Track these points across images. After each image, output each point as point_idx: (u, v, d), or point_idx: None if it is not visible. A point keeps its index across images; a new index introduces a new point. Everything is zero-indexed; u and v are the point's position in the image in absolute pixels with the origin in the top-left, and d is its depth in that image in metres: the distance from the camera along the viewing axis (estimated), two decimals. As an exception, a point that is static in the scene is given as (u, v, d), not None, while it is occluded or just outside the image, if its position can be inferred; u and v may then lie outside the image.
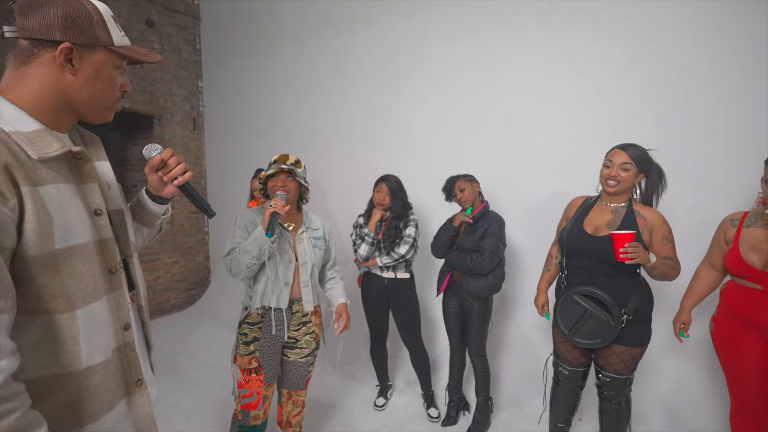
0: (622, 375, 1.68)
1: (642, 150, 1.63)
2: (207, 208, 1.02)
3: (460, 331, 2.33)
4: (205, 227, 4.72)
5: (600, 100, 2.43)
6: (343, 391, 2.70)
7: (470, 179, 2.25)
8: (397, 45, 3.20)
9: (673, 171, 2.19)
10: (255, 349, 1.69)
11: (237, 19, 4.19)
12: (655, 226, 1.61)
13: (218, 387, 2.76)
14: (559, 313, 1.64)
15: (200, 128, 4.58)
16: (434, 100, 3.05)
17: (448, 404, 2.41)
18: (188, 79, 4.42)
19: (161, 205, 1.06)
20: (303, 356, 1.80)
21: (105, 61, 0.79)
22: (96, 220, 0.80)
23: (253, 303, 1.70)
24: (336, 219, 3.65)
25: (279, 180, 1.67)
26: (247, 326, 1.72)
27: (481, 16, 2.80)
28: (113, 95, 0.83)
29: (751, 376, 1.54)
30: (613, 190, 1.62)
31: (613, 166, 1.62)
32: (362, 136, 3.44)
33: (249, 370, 1.69)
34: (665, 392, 2.28)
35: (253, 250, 1.59)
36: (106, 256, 0.82)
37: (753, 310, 1.52)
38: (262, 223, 1.61)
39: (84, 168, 0.81)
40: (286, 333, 1.74)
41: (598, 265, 1.63)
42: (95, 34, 0.76)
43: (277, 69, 3.94)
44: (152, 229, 1.10)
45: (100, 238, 0.81)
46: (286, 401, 1.86)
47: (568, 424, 1.90)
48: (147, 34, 3.99)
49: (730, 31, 2.08)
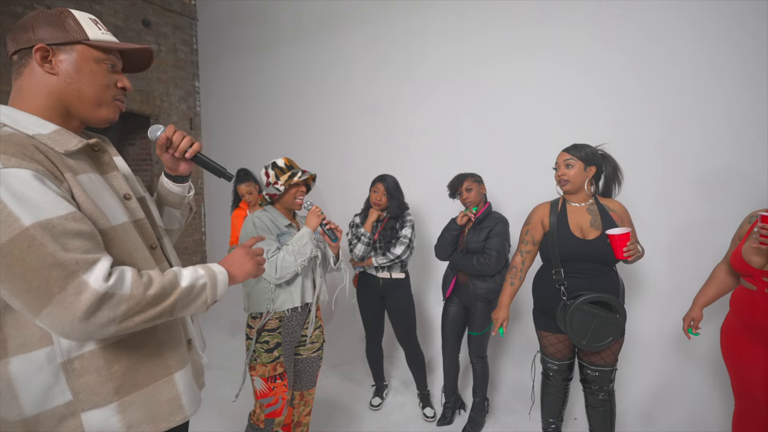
0: (609, 366, 1.73)
1: (586, 147, 1.71)
2: (224, 171, 1.06)
3: (457, 335, 2.32)
4: (203, 227, 4.71)
5: (599, 100, 2.43)
6: (338, 391, 2.70)
7: (478, 180, 2.24)
8: (395, 45, 3.19)
9: (673, 170, 2.22)
10: (279, 354, 1.69)
11: (234, 19, 4.19)
12: (623, 215, 1.72)
13: (213, 387, 2.75)
14: (571, 326, 1.62)
15: (197, 128, 4.58)
16: (432, 100, 3.05)
17: (444, 404, 2.41)
18: (185, 79, 4.42)
19: (182, 184, 1.12)
20: (314, 351, 1.86)
21: (84, 57, 0.82)
22: (127, 203, 0.89)
23: (282, 304, 1.70)
24: (333, 218, 3.62)
25: (301, 188, 1.78)
26: (267, 333, 1.70)
27: (480, 17, 2.79)
28: (103, 91, 0.85)
29: (757, 379, 1.53)
30: (565, 189, 1.71)
31: (559, 166, 1.72)
32: (359, 136, 3.44)
33: (273, 377, 1.68)
34: (656, 393, 2.29)
35: (306, 251, 1.66)
36: (145, 234, 0.91)
37: (750, 312, 1.52)
38: (307, 223, 1.72)
39: (103, 158, 0.90)
40: (300, 332, 1.79)
41: (593, 266, 1.67)
42: (68, 32, 0.81)
43: (275, 69, 3.93)
44: (183, 209, 1.16)
45: (135, 219, 0.89)
46: (299, 402, 1.87)
47: (560, 420, 1.92)
48: (143, 33, 3.99)
49: (730, 30, 2.06)
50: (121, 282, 0.73)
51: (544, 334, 1.84)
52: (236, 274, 0.96)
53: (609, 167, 1.75)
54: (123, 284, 0.73)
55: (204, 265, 0.90)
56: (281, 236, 1.73)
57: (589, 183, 1.70)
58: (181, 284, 0.82)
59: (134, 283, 0.75)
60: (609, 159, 1.75)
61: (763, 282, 1.47)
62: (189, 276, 0.84)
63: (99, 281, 0.70)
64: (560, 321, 1.67)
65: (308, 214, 1.74)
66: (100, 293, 0.69)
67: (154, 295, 0.76)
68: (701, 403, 2.18)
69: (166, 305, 0.78)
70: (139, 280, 0.76)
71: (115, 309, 0.71)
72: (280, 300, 1.70)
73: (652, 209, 2.24)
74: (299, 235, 1.68)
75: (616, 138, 2.35)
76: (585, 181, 1.69)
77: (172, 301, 0.79)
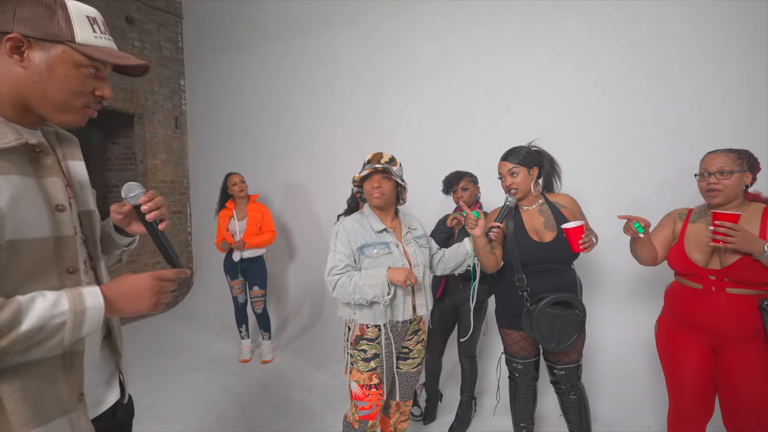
0: (573, 363, 1.74)
1: (522, 149, 1.69)
2: (175, 261, 0.92)
3: (442, 337, 2.31)
4: (188, 228, 4.65)
5: (586, 97, 2.46)
6: (325, 392, 2.68)
7: (475, 180, 2.23)
8: (382, 43, 3.19)
9: (673, 169, 2.21)
10: (376, 365, 1.59)
11: (220, 17, 4.14)
12: (573, 209, 1.71)
13: (199, 389, 2.72)
14: (539, 330, 1.62)
15: (183, 127, 4.52)
16: (420, 98, 3.05)
17: (427, 401, 2.40)
18: (170, 77, 4.35)
19: (124, 237, 1.01)
20: (414, 366, 1.73)
21: (62, 59, 0.74)
22: (57, 216, 0.77)
23: (375, 319, 1.56)
24: (320, 218, 3.63)
25: (374, 181, 1.57)
26: (366, 342, 1.59)
27: (467, 15, 2.82)
28: (73, 97, 0.77)
29: (689, 378, 1.54)
30: (518, 196, 1.68)
31: (504, 177, 1.69)
32: (347, 136, 3.43)
33: (369, 385, 1.59)
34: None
35: (368, 293, 1.48)
36: (65, 254, 0.78)
37: (693, 310, 1.50)
38: (391, 276, 1.47)
39: (44, 161, 0.78)
40: (401, 343, 1.68)
41: (552, 266, 1.68)
42: (52, 28, 0.73)
43: (262, 67, 3.90)
44: (110, 257, 1.03)
45: (59, 235, 0.77)
46: (394, 411, 1.79)
47: (531, 423, 1.91)
48: (127, 31, 3.92)
49: (731, 30, 2.08)
50: None
51: (507, 332, 1.82)
52: (123, 307, 0.78)
53: (546, 163, 1.73)
54: None
55: (77, 292, 0.73)
56: (365, 248, 1.56)
57: (534, 184, 1.71)
58: (22, 327, 0.66)
59: None
60: (544, 155, 1.74)
61: (709, 280, 1.46)
62: (40, 313, 0.68)
63: None
64: (526, 326, 1.67)
65: (394, 272, 1.48)
66: None
67: None
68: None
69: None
70: None
71: None
72: (362, 313, 1.57)
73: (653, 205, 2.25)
74: (374, 273, 1.49)
75: (605, 134, 2.40)
76: (531, 183, 1.69)
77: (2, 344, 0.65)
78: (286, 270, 3.90)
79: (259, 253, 3.13)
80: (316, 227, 3.65)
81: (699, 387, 1.52)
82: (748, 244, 1.33)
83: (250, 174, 3.51)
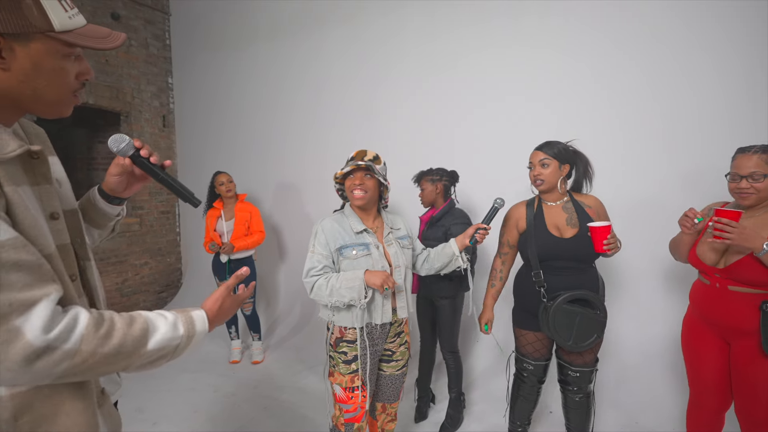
0: (589, 366, 1.71)
1: (559, 144, 1.67)
2: (191, 197, 0.93)
3: (431, 326, 2.34)
4: (177, 227, 4.59)
5: (576, 95, 2.49)
6: (316, 392, 2.67)
7: (433, 179, 2.25)
8: (372, 43, 3.19)
9: (672, 168, 2.25)
10: (357, 368, 1.56)
11: (209, 14, 4.09)
12: (599, 210, 1.71)
13: (189, 391, 2.69)
14: (555, 327, 1.60)
15: (170, 126, 4.45)
16: (410, 97, 3.06)
17: (419, 399, 2.42)
18: (157, 75, 4.29)
19: (116, 206, 0.97)
20: (398, 369, 1.71)
21: (45, 52, 0.66)
22: (53, 224, 0.73)
23: (353, 322, 1.53)
24: (311, 218, 3.61)
25: (356, 178, 1.53)
26: (346, 344, 1.56)
27: (453, 13, 2.84)
28: (64, 89, 0.71)
29: (706, 370, 1.60)
30: (542, 188, 1.68)
31: (534, 166, 1.68)
32: (337, 135, 3.42)
33: (351, 388, 1.57)
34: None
35: (345, 295, 1.46)
36: (66, 262, 0.74)
37: (705, 305, 1.57)
38: (367, 279, 1.44)
39: (40, 169, 0.73)
40: (383, 345, 1.65)
41: (573, 263, 1.66)
42: (26, 19, 0.63)
43: (251, 66, 3.87)
44: (104, 230, 1.01)
45: (59, 244, 0.73)
46: (380, 413, 1.78)
47: (528, 424, 1.90)
48: (113, 27, 3.85)
49: (731, 29, 2.12)
50: (68, 334, 0.61)
51: (522, 332, 1.79)
52: (215, 325, 0.83)
53: (581, 164, 1.71)
54: (70, 337, 0.61)
55: (188, 316, 0.77)
56: (344, 249, 1.53)
57: (562, 181, 1.68)
58: (148, 346, 0.68)
59: (86, 335, 0.62)
60: (581, 155, 1.71)
61: (715, 278, 1.52)
62: (163, 335, 0.70)
63: (36, 331, 0.58)
64: (543, 324, 1.65)
65: (371, 275, 1.45)
66: (36, 347, 0.57)
67: (107, 354, 0.64)
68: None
69: (118, 366, 0.66)
70: (94, 332, 0.63)
71: (55, 366, 0.60)
72: (340, 315, 1.54)
73: (652, 203, 2.30)
74: (351, 276, 1.46)
75: (594, 131, 2.43)
76: (559, 179, 1.66)
77: (127, 363, 0.67)
78: (276, 270, 3.88)
79: (247, 253, 3.11)
80: (307, 227, 3.61)
81: (716, 378, 1.58)
82: (745, 240, 1.34)
83: (241, 174, 3.48)
